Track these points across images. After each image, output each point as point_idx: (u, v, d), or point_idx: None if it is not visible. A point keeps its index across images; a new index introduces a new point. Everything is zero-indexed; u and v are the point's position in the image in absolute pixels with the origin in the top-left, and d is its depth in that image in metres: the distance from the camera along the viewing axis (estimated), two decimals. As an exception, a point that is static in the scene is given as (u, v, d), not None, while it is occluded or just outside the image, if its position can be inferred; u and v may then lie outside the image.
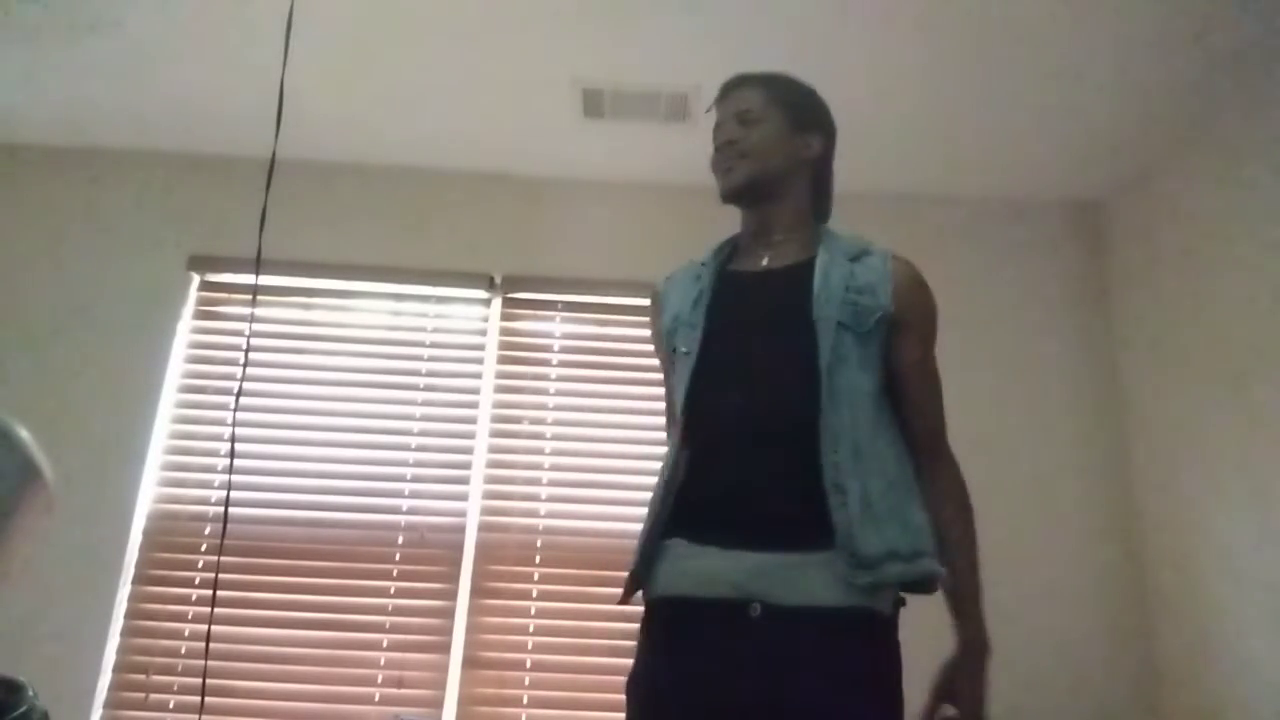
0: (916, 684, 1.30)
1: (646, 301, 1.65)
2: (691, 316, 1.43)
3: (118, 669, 2.74)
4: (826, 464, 1.25)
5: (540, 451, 3.03)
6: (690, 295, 1.46)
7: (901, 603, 1.29)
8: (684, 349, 1.41)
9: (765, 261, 1.45)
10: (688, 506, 1.32)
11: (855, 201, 3.10)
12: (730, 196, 1.49)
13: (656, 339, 1.57)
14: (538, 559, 2.91)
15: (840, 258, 1.41)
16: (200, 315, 3.14)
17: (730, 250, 1.52)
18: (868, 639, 1.24)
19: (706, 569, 1.27)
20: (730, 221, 1.58)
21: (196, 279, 3.15)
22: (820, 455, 1.25)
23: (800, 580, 1.22)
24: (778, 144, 1.46)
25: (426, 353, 3.13)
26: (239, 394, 2.89)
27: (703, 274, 1.48)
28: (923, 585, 1.31)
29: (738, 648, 1.21)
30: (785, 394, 1.31)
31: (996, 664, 1.42)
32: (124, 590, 2.81)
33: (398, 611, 2.84)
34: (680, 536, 1.32)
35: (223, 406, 3.00)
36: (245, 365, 2.97)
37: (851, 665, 1.19)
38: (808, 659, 1.18)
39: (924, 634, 1.33)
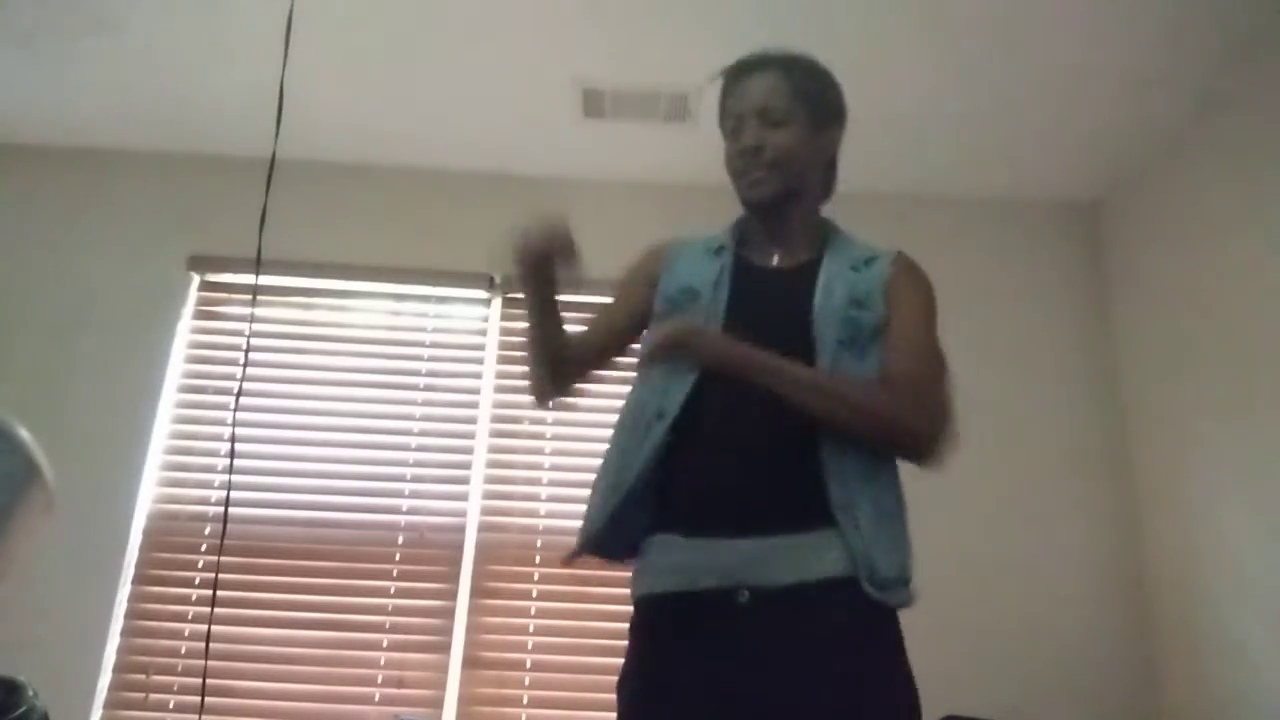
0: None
1: None
2: (712, 300, 1.37)
3: (118, 669, 2.74)
4: (833, 483, 1.22)
5: (540, 451, 3.03)
6: (707, 274, 1.41)
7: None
8: None
9: (776, 260, 1.42)
10: (679, 500, 1.28)
11: (856, 201, 3.10)
12: (756, 208, 1.43)
13: (636, 279, 1.52)
14: (538, 559, 2.91)
15: (845, 267, 1.37)
16: (200, 315, 3.14)
17: (740, 235, 1.47)
18: (859, 609, 1.19)
19: (693, 562, 1.24)
20: (731, 218, 1.58)
21: (196, 279, 3.15)
22: (824, 472, 1.22)
23: (794, 559, 1.19)
24: (804, 149, 1.39)
25: (426, 353, 3.13)
26: (239, 394, 2.88)
27: (723, 256, 1.43)
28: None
29: (725, 637, 1.18)
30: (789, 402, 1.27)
31: (998, 665, 1.41)
32: (124, 590, 2.81)
33: (398, 611, 2.84)
34: (668, 531, 1.28)
35: (223, 406, 3.00)
36: (245, 365, 2.97)
37: (842, 642, 1.16)
38: (797, 642, 1.15)
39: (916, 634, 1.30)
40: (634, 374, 1.46)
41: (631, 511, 1.31)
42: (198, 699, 2.55)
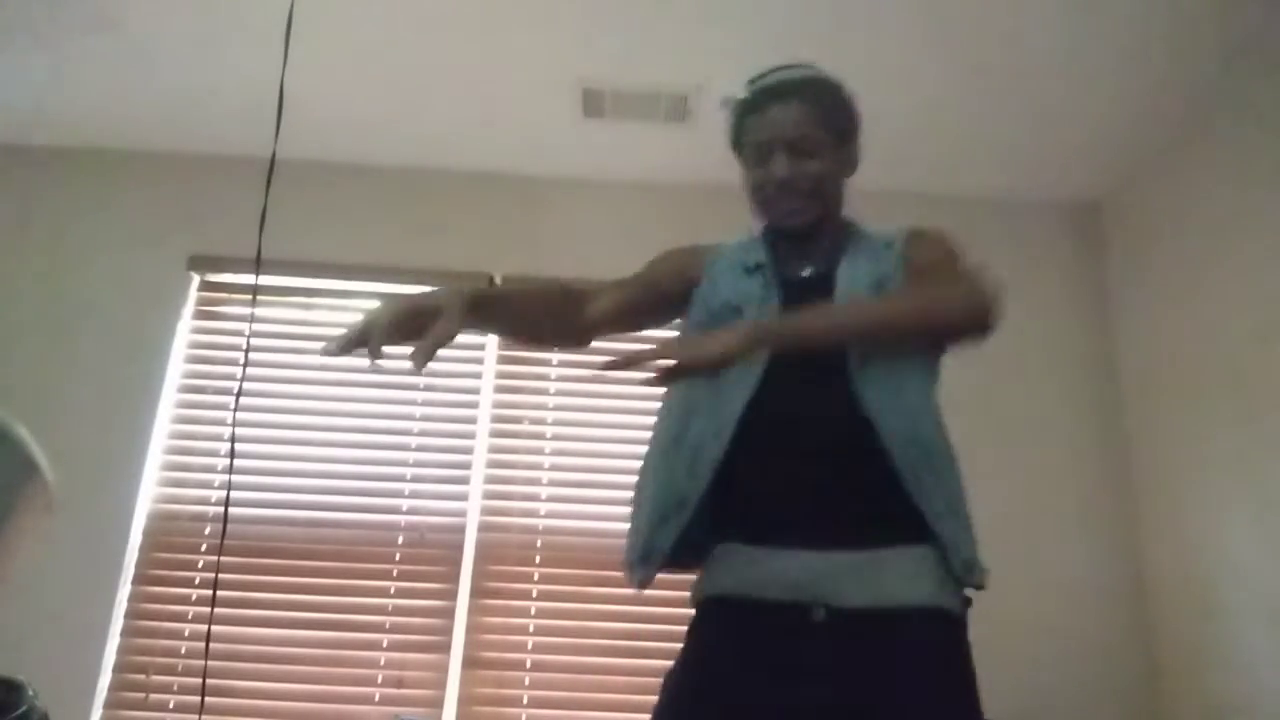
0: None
1: None
2: (758, 319, 1.34)
3: (118, 669, 2.74)
4: (903, 470, 1.21)
5: (540, 451, 3.03)
6: (750, 291, 1.38)
7: (968, 602, 1.24)
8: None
9: (807, 271, 1.40)
10: (739, 507, 1.28)
11: (854, 201, 3.11)
12: (795, 236, 1.42)
13: (671, 268, 1.49)
14: (538, 559, 2.91)
15: (865, 260, 1.38)
16: (200, 315, 3.14)
17: (770, 249, 1.45)
18: (943, 640, 1.18)
19: (760, 571, 1.23)
20: (730, 217, 1.57)
21: (196, 279, 3.15)
22: (893, 461, 1.21)
23: (873, 579, 1.18)
24: (835, 170, 1.41)
25: (426, 353, 3.13)
26: (239, 394, 2.88)
27: (762, 273, 1.41)
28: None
29: (799, 652, 1.16)
30: (840, 404, 1.25)
31: (999, 667, 1.39)
32: (124, 590, 2.81)
33: (398, 611, 2.84)
34: (731, 540, 1.28)
35: (223, 406, 3.00)
36: (245, 365, 2.97)
37: (927, 670, 1.15)
38: (878, 664, 1.13)
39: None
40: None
41: (694, 530, 1.29)
42: (198, 699, 2.55)
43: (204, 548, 2.87)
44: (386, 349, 1.26)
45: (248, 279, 3.00)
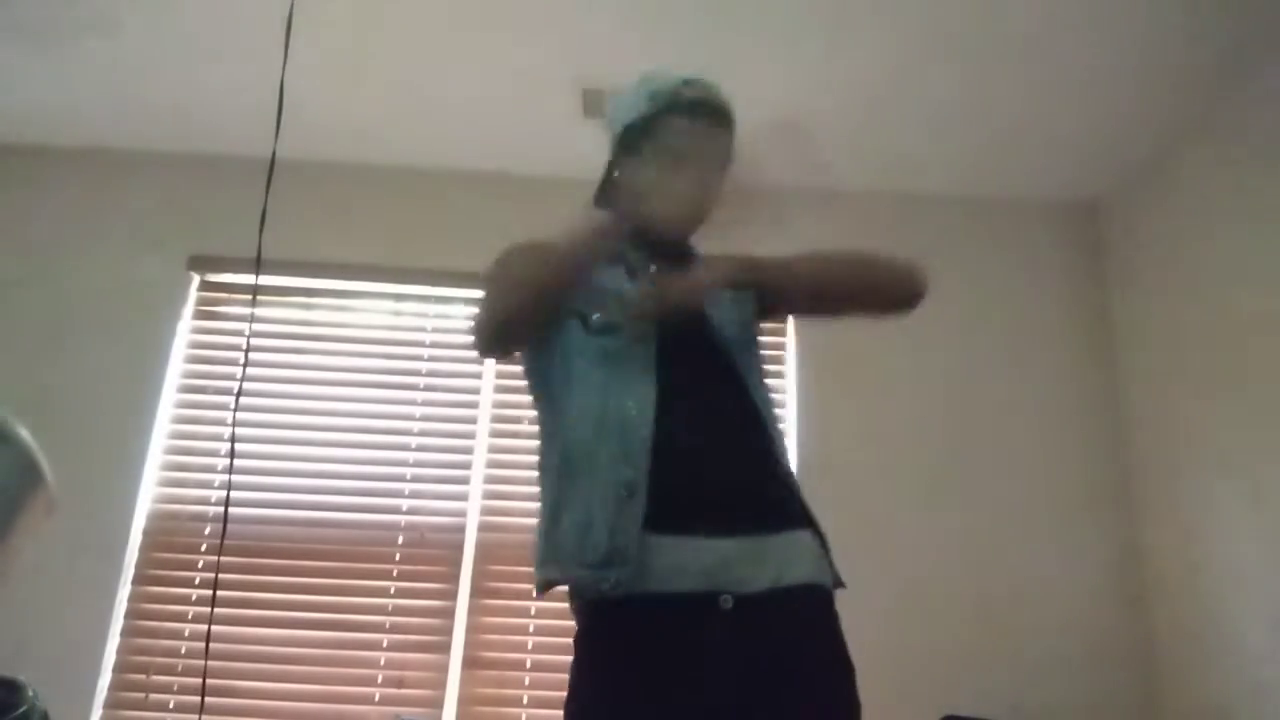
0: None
1: None
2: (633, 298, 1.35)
3: (118, 669, 2.74)
4: (777, 456, 1.32)
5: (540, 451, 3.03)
6: (623, 282, 1.41)
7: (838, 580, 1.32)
8: (638, 333, 1.33)
9: (653, 267, 1.42)
10: (658, 500, 1.19)
11: (855, 201, 3.11)
12: (681, 238, 1.46)
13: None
14: (538, 559, 2.91)
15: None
16: (200, 315, 3.14)
17: (623, 244, 1.48)
18: (830, 615, 1.26)
19: (673, 561, 1.17)
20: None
21: (196, 279, 3.15)
22: (772, 451, 1.32)
23: (771, 563, 1.21)
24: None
25: (426, 353, 3.13)
26: (239, 394, 2.89)
27: (623, 263, 1.44)
28: None
29: (705, 643, 1.13)
30: (731, 392, 1.34)
31: (998, 666, 1.40)
32: (124, 590, 2.81)
33: (398, 611, 2.85)
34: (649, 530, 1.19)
35: (223, 406, 3.00)
36: (245, 365, 2.97)
37: (825, 645, 1.23)
38: (782, 647, 1.17)
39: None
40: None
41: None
42: (198, 699, 2.55)
43: (204, 548, 2.87)
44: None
45: (248, 279, 3.00)
